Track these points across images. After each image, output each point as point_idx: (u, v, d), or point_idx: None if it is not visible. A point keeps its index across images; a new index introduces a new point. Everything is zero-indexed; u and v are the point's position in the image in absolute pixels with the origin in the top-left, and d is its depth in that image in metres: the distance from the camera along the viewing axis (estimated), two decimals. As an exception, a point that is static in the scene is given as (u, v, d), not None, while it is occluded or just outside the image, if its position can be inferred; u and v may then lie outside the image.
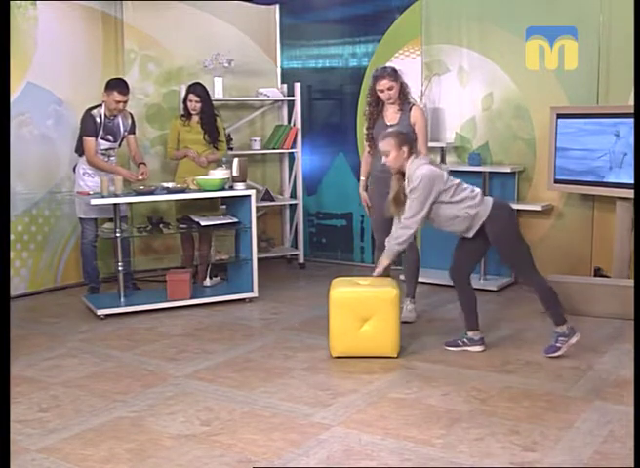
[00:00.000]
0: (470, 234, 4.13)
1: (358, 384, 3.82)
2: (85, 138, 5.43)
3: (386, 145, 4.17)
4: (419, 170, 4.06)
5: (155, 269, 6.27)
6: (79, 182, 5.52)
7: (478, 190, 4.18)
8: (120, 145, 5.71)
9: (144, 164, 5.66)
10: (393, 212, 4.27)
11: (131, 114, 5.67)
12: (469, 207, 4.08)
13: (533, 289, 4.22)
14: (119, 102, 5.40)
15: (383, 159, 4.23)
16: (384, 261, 4.24)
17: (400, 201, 4.19)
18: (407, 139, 4.17)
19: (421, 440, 3.16)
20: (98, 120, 5.42)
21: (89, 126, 5.42)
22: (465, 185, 4.17)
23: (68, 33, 5.96)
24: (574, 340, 4.16)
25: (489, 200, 4.16)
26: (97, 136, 5.44)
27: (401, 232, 4.14)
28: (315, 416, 3.42)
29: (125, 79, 5.59)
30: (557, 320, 4.19)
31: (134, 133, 5.69)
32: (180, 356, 4.33)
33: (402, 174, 4.17)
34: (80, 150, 5.52)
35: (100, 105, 5.46)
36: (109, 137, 5.51)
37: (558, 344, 4.15)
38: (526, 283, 4.23)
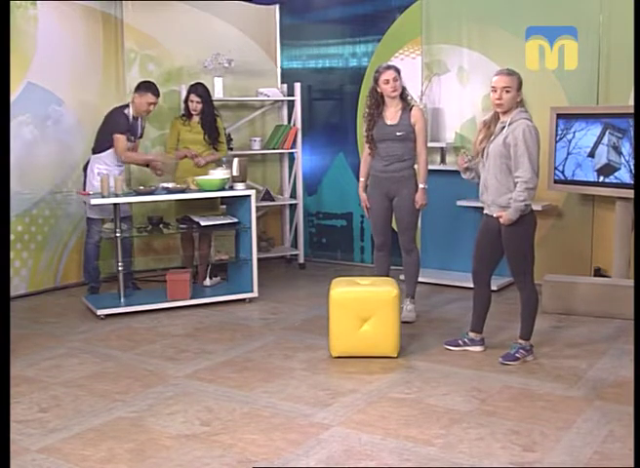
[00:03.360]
0: (493, 213, 4.04)
1: (358, 384, 3.82)
2: (117, 136, 5.41)
3: (510, 81, 3.93)
4: (525, 121, 3.91)
5: (155, 269, 6.28)
6: (92, 182, 5.45)
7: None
8: None
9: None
10: (474, 155, 4.12)
11: (146, 119, 5.69)
12: (530, 193, 3.96)
13: (520, 296, 4.19)
14: (151, 104, 5.45)
15: (500, 93, 3.96)
16: (513, 218, 3.96)
17: (482, 147, 4.06)
18: (521, 87, 4.00)
19: (421, 440, 3.16)
20: (128, 118, 5.45)
21: (122, 123, 5.42)
22: None
23: (68, 33, 5.96)
24: (530, 358, 4.15)
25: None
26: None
27: (528, 193, 3.89)
28: (315, 416, 3.42)
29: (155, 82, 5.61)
30: (526, 334, 4.18)
31: (142, 136, 5.74)
32: (180, 356, 4.33)
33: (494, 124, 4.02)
34: (100, 148, 5.48)
35: (128, 106, 5.48)
36: (131, 138, 5.53)
37: (518, 355, 4.12)
38: (518, 287, 4.20)
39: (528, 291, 4.14)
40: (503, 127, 3.98)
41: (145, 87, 5.46)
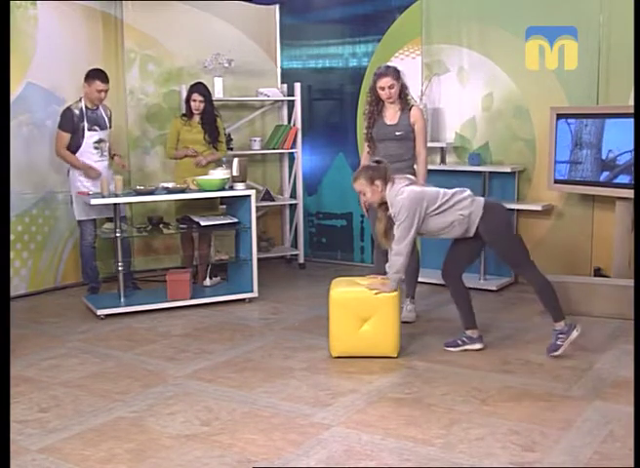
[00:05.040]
0: (470, 234, 4.14)
1: (358, 384, 3.82)
2: (59, 132, 5.43)
3: (359, 186, 4.18)
4: (399, 196, 4.07)
5: (155, 269, 6.28)
6: (75, 184, 5.48)
7: (468, 191, 4.17)
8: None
9: (119, 155, 5.71)
10: (385, 244, 4.26)
11: (109, 108, 5.67)
12: (462, 209, 4.08)
13: (530, 284, 4.22)
14: (101, 92, 5.41)
15: (363, 198, 4.26)
16: (391, 290, 4.14)
17: (390, 233, 4.20)
18: (376, 173, 4.15)
19: (421, 440, 3.16)
20: (77, 113, 5.41)
21: (65, 121, 5.42)
22: (453, 190, 4.16)
23: (68, 33, 5.96)
24: (574, 335, 4.15)
25: (480, 200, 4.16)
26: (76, 131, 5.42)
27: (394, 260, 4.11)
28: (315, 416, 3.42)
29: (103, 69, 5.54)
30: (555, 316, 4.18)
31: (110, 127, 5.68)
32: (180, 356, 4.33)
33: (386, 204, 4.17)
34: (69, 150, 5.48)
35: (80, 100, 5.46)
36: (96, 128, 5.49)
37: (559, 342, 4.14)
38: (524, 278, 4.24)
39: (534, 276, 4.17)
40: (387, 208, 4.17)
41: (93, 75, 5.41)
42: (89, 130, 5.45)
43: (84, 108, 5.43)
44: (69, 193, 5.61)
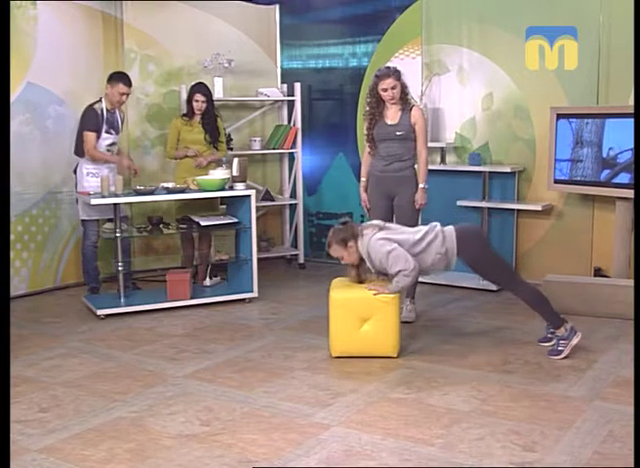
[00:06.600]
0: (450, 268, 4.19)
1: (358, 384, 3.82)
2: (86, 133, 5.39)
3: (334, 252, 4.21)
4: (370, 244, 4.08)
5: (155, 269, 6.28)
6: (83, 184, 5.45)
7: (437, 226, 4.17)
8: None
9: (131, 160, 5.75)
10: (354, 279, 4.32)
11: (123, 111, 5.68)
12: (437, 247, 4.10)
13: (523, 301, 4.22)
14: (123, 95, 5.42)
15: (342, 261, 4.28)
16: (390, 293, 4.14)
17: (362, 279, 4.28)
18: (346, 234, 4.16)
19: (421, 440, 3.16)
20: (99, 112, 5.41)
21: (91, 121, 5.39)
22: (423, 231, 4.15)
23: (68, 33, 5.97)
24: (575, 341, 4.14)
25: (450, 232, 4.14)
26: (99, 131, 5.41)
27: (402, 279, 4.06)
28: (315, 416, 3.42)
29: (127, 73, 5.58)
30: (555, 323, 4.18)
31: (122, 130, 5.71)
32: (179, 356, 4.33)
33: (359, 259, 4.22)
34: (81, 150, 5.46)
35: (100, 100, 5.46)
36: (112, 131, 5.50)
37: (560, 348, 4.13)
38: (513, 294, 4.23)
39: (522, 291, 4.18)
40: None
41: (117, 77, 5.42)
42: (106, 132, 5.45)
43: (104, 110, 5.44)
44: (75, 192, 5.60)
